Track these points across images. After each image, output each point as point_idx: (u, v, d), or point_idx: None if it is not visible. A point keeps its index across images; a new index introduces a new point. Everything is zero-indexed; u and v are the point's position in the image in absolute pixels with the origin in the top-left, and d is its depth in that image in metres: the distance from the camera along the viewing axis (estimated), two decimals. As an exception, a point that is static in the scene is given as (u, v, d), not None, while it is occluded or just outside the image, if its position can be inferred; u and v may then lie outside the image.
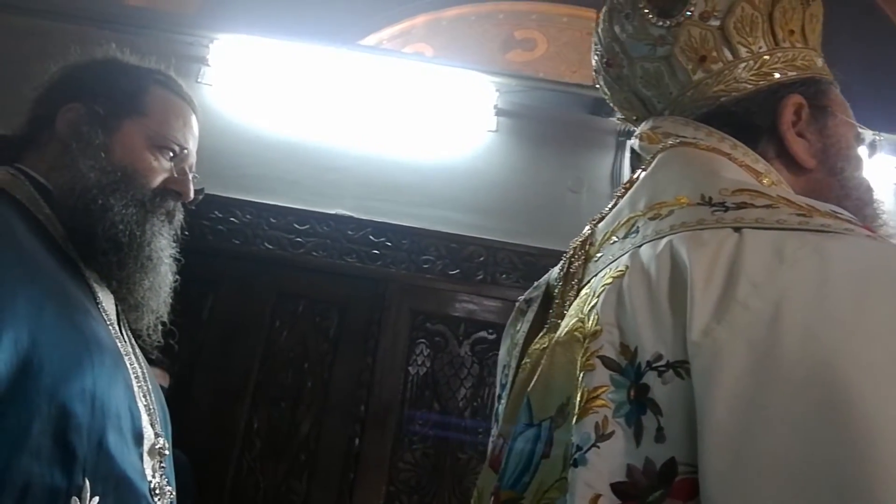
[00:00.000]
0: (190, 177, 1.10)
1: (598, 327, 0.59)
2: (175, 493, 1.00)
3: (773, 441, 0.46)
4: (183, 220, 1.14)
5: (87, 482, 0.82)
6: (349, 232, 3.04)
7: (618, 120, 0.90)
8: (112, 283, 1.02)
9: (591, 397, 0.56)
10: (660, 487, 0.51)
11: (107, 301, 1.01)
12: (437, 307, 3.00)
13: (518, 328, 0.84)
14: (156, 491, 0.93)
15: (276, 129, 3.18)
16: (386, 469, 2.75)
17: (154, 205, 1.04)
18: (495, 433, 0.80)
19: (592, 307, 0.62)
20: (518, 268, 3.06)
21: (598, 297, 0.62)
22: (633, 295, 0.58)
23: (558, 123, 3.36)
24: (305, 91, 3.23)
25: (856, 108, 0.80)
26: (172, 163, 1.08)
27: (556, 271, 0.81)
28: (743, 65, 0.76)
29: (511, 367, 0.81)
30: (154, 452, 0.96)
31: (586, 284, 0.70)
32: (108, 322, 0.98)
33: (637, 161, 0.80)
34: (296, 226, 3.03)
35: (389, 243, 3.04)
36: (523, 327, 0.83)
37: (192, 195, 1.10)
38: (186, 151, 1.10)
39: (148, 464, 0.94)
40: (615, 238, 0.69)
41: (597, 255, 0.72)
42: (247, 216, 3.01)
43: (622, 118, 0.90)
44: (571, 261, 0.76)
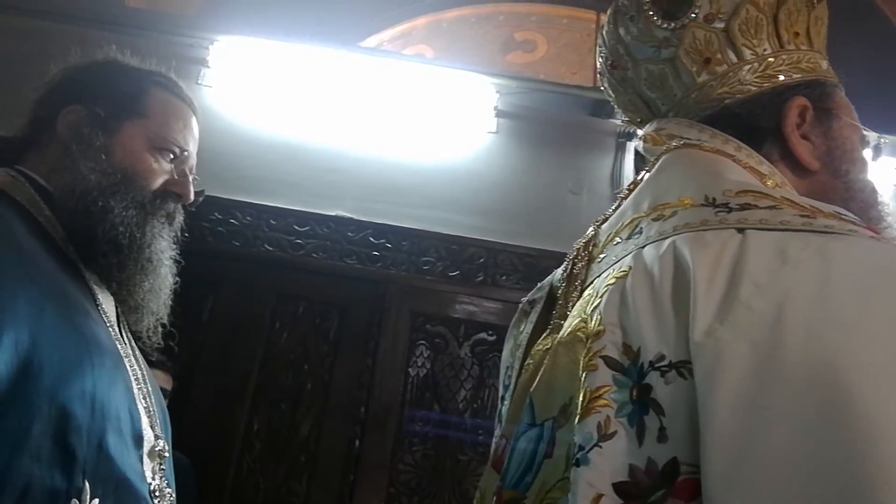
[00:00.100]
0: (190, 178, 1.10)
1: (601, 327, 0.59)
2: (175, 496, 1.00)
3: (775, 441, 0.46)
4: (183, 222, 1.14)
5: (87, 484, 0.82)
6: (349, 233, 3.04)
7: (620, 122, 0.90)
8: (112, 285, 1.02)
9: (594, 397, 0.56)
10: (662, 487, 0.51)
11: (107, 303, 1.01)
12: (438, 309, 3.00)
13: (521, 329, 0.84)
14: (156, 493, 0.93)
15: (276, 131, 3.18)
16: (386, 470, 2.75)
17: (154, 207, 1.05)
18: (498, 434, 0.80)
19: (595, 307, 0.62)
20: (518, 269, 3.06)
21: (602, 298, 0.62)
22: (637, 295, 0.58)
23: (558, 125, 3.36)
24: (305, 93, 3.23)
25: (858, 111, 0.80)
26: (173, 165, 1.08)
27: (560, 272, 0.81)
28: (747, 67, 0.76)
29: (514, 368, 0.81)
30: (154, 454, 0.96)
31: (589, 285, 0.70)
32: (108, 324, 0.98)
33: (641, 163, 0.80)
34: (296, 227, 3.03)
35: (389, 245, 3.04)
36: (526, 328, 0.83)
37: (193, 197, 1.10)
38: (187, 153, 1.10)
39: (148, 466, 0.94)
40: (618, 239, 0.69)
41: (600, 256, 0.71)
42: (247, 218, 3.01)
43: (626, 120, 0.90)
44: (575, 262, 0.76)
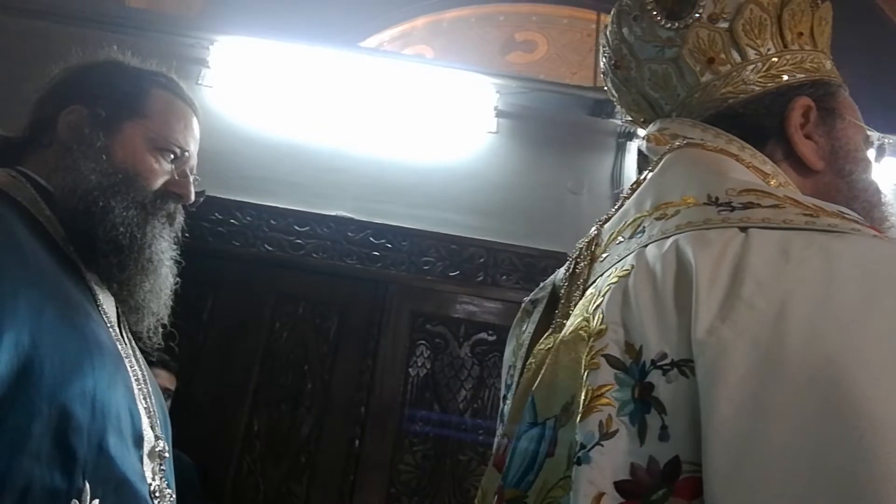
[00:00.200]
0: (191, 179, 1.10)
1: (603, 326, 0.59)
2: (175, 496, 1.00)
3: (778, 440, 0.46)
4: (183, 222, 1.14)
5: (87, 484, 0.81)
6: (349, 233, 3.05)
7: (620, 122, 0.90)
8: (113, 286, 1.01)
9: (596, 396, 0.56)
10: (663, 486, 0.51)
11: (107, 303, 1.01)
12: (438, 309, 3.00)
13: (524, 329, 0.84)
14: (156, 493, 0.93)
15: (276, 131, 3.18)
16: (386, 471, 2.75)
17: (155, 207, 1.04)
18: (500, 433, 0.80)
19: (598, 306, 0.62)
20: (518, 269, 3.06)
21: (604, 297, 0.62)
22: (639, 294, 0.58)
23: (558, 125, 3.37)
24: (305, 93, 3.23)
25: (860, 111, 0.80)
26: (173, 165, 1.08)
27: (562, 272, 0.81)
28: (751, 67, 0.76)
29: (516, 368, 0.81)
30: (154, 455, 0.96)
31: (592, 284, 0.70)
32: (109, 324, 0.98)
33: (644, 162, 0.80)
34: (296, 227, 3.03)
35: (390, 245, 3.04)
36: (529, 328, 0.82)
37: (193, 197, 1.10)
38: (187, 154, 1.09)
39: (148, 466, 0.94)
40: (621, 238, 0.69)
41: (603, 256, 0.71)
42: (247, 218, 3.01)
43: (629, 120, 0.90)
44: (577, 261, 0.76)
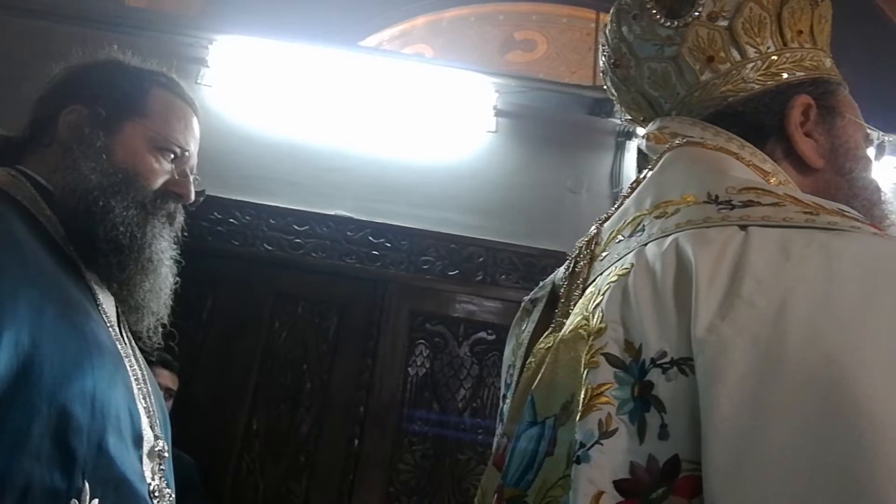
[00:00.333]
0: (191, 179, 1.10)
1: (603, 325, 0.59)
2: (175, 496, 1.00)
3: (777, 439, 0.46)
4: (182, 222, 1.14)
5: (87, 484, 0.81)
6: (349, 233, 3.05)
7: (620, 121, 0.90)
8: (112, 285, 1.01)
9: (595, 394, 0.56)
10: (663, 485, 0.51)
11: (107, 303, 1.01)
12: (437, 308, 3.00)
13: (523, 328, 0.84)
14: (155, 493, 0.93)
15: (276, 130, 3.18)
16: (385, 470, 2.75)
17: (155, 207, 1.04)
18: (500, 432, 0.80)
19: (597, 305, 0.62)
20: (518, 268, 3.06)
21: (603, 295, 0.62)
22: (638, 292, 0.58)
23: (558, 124, 3.37)
24: (305, 92, 3.23)
25: (860, 110, 0.80)
26: (173, 165, 1.08)
27: (562, 271, 0.81)
28: (751, 65, 0.76)
29: (516, 367, 0.81)
30: (153, 455, 0.96)
31: (592, 283, 0.69)
32: (109, 324, 0.98)
33: (644, 161, 0.79)
34: (295, 227, 3.03)
35: (389, 244, 3.04)
36: (528, 327, 0.82)
37: (193, 197, 1.10)
38: (188, 153, 1.09)
39: (147, 466, 0.94)
40: (621, 237, 0.69)
41: (602, 255, 0.71)
42: (246, 217, 3.01)
43: (629, 119, 0.90)
44: (577, 260, 0.76)
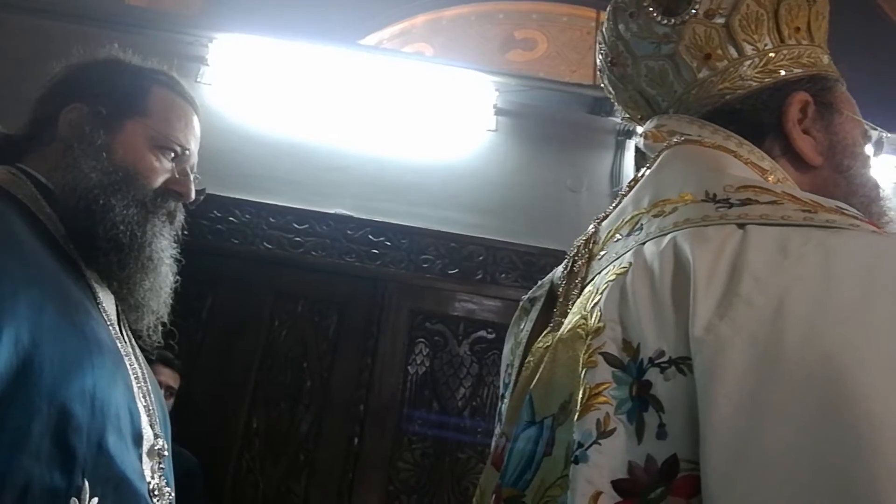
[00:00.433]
0: (191, 177, 1.10)
1: (601, 324, 0.59)
2: (174, 494, 1.00)
3: (776, 438, 0.46)
4: (183, 220, 1.14)
5: (87, 483, 0.81)
6: (348, 231, 3.05)
7: (620, 120, 0.89)
8: (113, 284, 1.01)
9: (593, 394, 0.56)
10: (661, 484, 0.51)
11: (107, 301, 1.01)
12: (437, 307, 3.00)
13: (522, 327, 0.84)
14: (155, 492, 0.93)
15: (275, 129, 3.18)
16: (385, 469, 2.76)
17: (155, 205, 1.04)
18: (498, 432, 0.80)
19: (595, 304, 0.62)
20: (517, 267, 3.07)
21: (602, 294, 0.62)
22: (636, 291, 0.58)
23: (558, 123, 3.37)
24: (305, 91, 3.23)
25: (859, 109, 0.80)
26: (174, 163, 1.08)
27: (560, 270, 0.80)
28: (748, 62, 0.76)
29: (514, 367, 0.81)
30: (153, 453, 0.96)
31: (590, 282, 0.69)
32: (109, 322, 0.98)
33: (642, 160, 0.79)
34: (295, 225, 3.03)
35: (389, 243, 3.04)
36: (527, 326, 0.82)
37: (194, 196, 1.10)
38: (188, 152, 1.09)
39: (147, 465, 0.94)
40: (619, 236, 0.69)
41: (600, 254, 0.71)
42: (246, 216, 3.01)
43: (627, 117, 0.89)
44: (575, 259, 0.76)
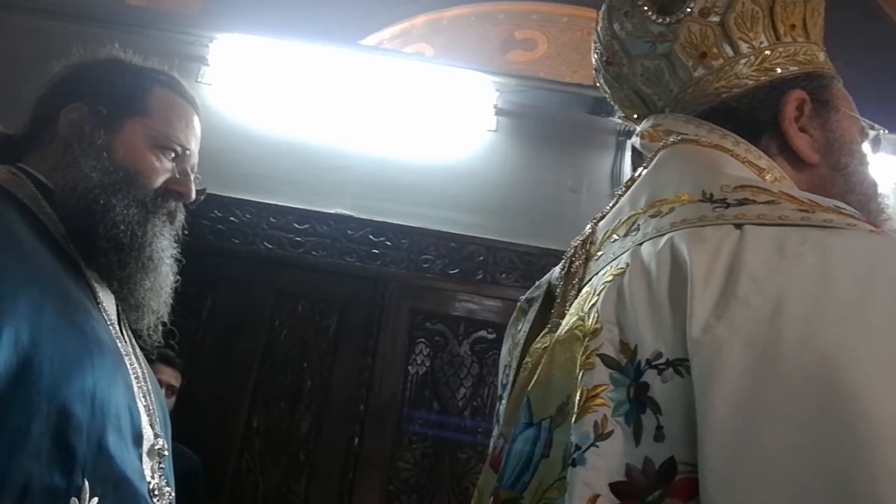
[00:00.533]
0: (192, 177, 1.10)
1: (598, 325, 0.59)
2: (174, 494, 1.00)
3: (774, 439, 0.46)
4: (183, 220, 1.14)
5: (87, 483, 0.81)
6: (349, 231, 3.05)
7: (618, 119, 0.89)
8: (113, 283, 1.01)
9: (591, 396, 0.55)
10: (659, 487, 0.51)
11: (107, 301, 1.01)
12: (437, 307, 3.00)
13: (519, 328, 0.84)
14: (155, 492, 0.93)
15: (276, 129, 3.18)
16: (385, 468, 2.76)
17: (156, 205, 1.04)
18: (496, 433, 0.79)
19: (593, 305, 0.62)
20: (518, 267, 3.07)
21: (599, 296, 0.61)
22: (634, 292, 0.58)
23: (558, 123, 3.37)
24: (305, 91, 3.23)
25: (858, 108, 0.80)
26: (174, 163, 1.08)
27: (558, 271, 0.80)
28: (744, 60, 0.76)
29: (512, 368, 0.81)
30: (153, 453, 0.96)
31: (587, 283, 0.69)
32: (109, 322, 0.98)
33: (638, 159, 0.79)
34: (295, 225, 3.03)
35: (389, 243, 3.04)
36: (524, 327, 0.82)
37: (194, 196, 1.10)
38: (188, 152, 1.09)
39: (147, 464, 0.94)
40: (616, 236, 0.68)
41: (598, 254, 0.71)
42: (246, 215, 3.01)
43: (623, 116, 0.89)
44: (572, 260, 0.76)
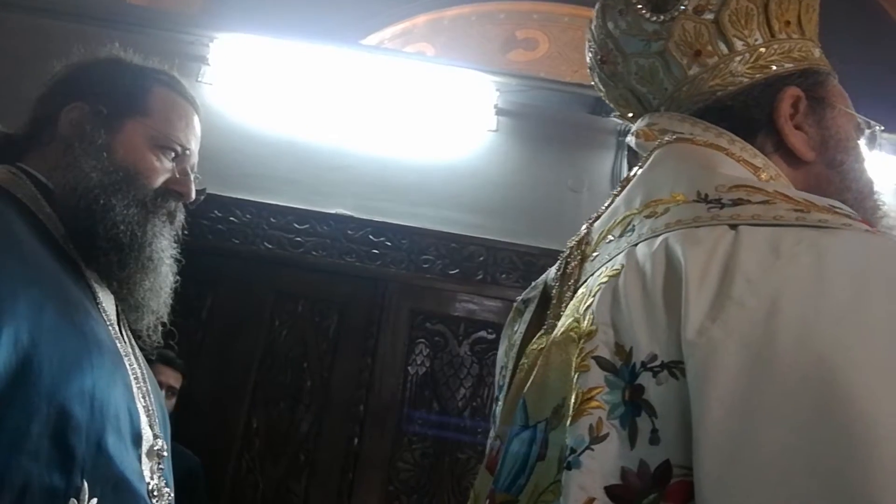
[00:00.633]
0: (192, 177, 1.10)
1: (594, 327, 0.58)
2: (174, 495, 1.00)
3: (769, 441, 0.46)
4: (183, 220, 1.14)
5: (86, 483, 0.81)
6: (349, 231, 3.05)
7: (618, 118, 0.88)
8: (112, 284, 1.01)
9: (586, 399, 0.55)
10: (654, 490, 0.51)
11: (107, 301, 1.01)
12: (437, 307, 3.00)
13: (515, 329, 0.83)
14: (154, 493, 0.93)
15: (276, 129, 3.18)
16: (385, 469, 2.76)
17: (156, 205, 1.04)
18: (493, 435, 0.79)
19: (588, 307, 0.61)
20: (518, 267, 3.07)
21: (594, 297, 0.61)
22: (629, 294, 0.57)
23: (559, 123, 3.36)
24: (306, 90, 3.23)
25: (856, 108, 0.79)
26: (174, 163, 1.08)
27: (554, 271, 0.80)
28: (739, 58, 0.75)
29: (508, 369, 0.80)
30: (152, 454, 0.96)
31: (583, 284, 0.69)
32: (108, 322, 0.98)
33: (634, 158, 0.78)
34: (295, 225, 3.03)
35: (389, 243, 3.04)
36: (521, 328, 0.82)
37: (194, 196, 1.10)
38: (188, 152, 1.09)
39: (146, 465, 0.94)
40: (611, 237, 0.68)
41: (593, 255, 0.70)
42: (246, 215, 3.01)
43: (618, 115, 0.88)
44: (568, 261, 0.75)
